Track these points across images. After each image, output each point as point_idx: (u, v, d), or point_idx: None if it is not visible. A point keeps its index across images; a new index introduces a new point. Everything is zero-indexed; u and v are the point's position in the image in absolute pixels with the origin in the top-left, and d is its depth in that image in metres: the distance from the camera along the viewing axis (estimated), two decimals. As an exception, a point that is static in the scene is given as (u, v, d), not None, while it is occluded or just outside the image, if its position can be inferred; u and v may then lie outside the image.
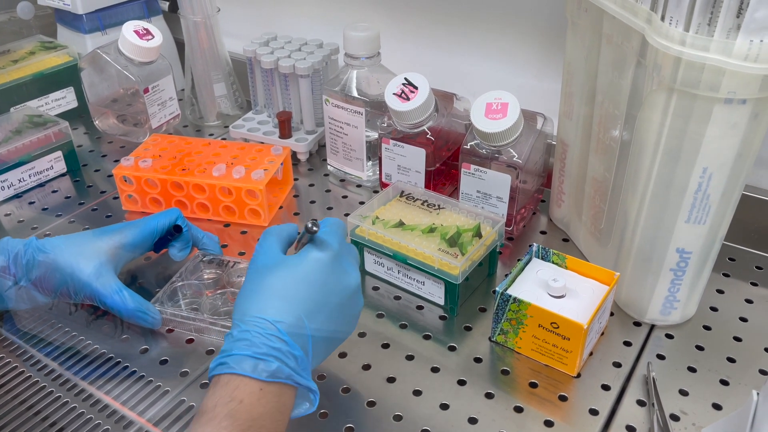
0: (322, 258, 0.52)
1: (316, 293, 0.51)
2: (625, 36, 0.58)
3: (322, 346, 0.52)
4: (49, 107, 1.05)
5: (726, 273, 0.74)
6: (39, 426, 0.58)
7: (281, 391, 0.48)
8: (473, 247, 0.67)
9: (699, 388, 0.60)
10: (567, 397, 0.60)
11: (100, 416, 0.58)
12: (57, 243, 0.65)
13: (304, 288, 0.50)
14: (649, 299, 0.65)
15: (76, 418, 0.58)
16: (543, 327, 0.61)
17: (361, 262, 0.74)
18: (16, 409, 0.59)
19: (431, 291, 0.69)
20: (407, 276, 0.70)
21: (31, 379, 0.62)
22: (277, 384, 0.47)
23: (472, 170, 0.75)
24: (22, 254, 0.64)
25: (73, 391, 0.61)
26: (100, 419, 0.58)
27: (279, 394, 0.47)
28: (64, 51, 1.06)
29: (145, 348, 0.66)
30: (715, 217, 0.59)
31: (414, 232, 0.70)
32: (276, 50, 0.95)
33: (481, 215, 0.72)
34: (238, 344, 0.48)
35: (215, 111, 1.07)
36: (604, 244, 0.71)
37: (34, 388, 0.61)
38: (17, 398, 0.60)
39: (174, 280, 0.70)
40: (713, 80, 0.50)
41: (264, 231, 0.56)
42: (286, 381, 0.48)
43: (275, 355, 0.47)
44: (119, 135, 1.03)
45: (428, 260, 0.67)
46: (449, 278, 0.66)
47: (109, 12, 1.08)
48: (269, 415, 0.46)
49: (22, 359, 0.64)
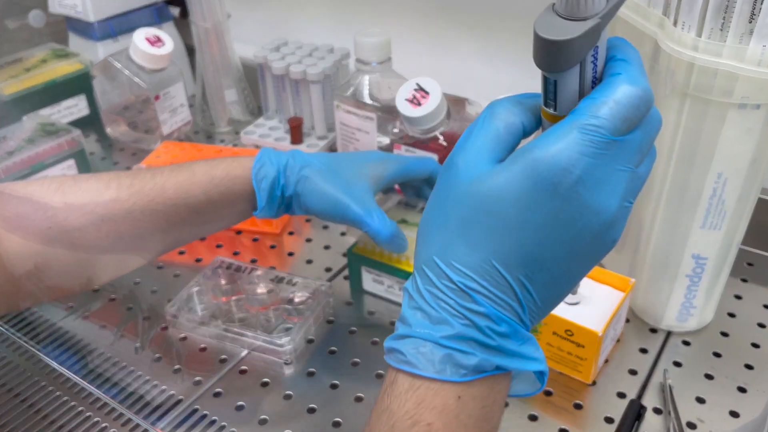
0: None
1: (541, 242, 0.32)
2: (638, 41, 0.57)
3: (545, 309, 0.35)
4: (61, 115, 1.05)
5: (744, 278, 0.73)
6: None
7: (489, 388, 0.33)
8: None
9: (716, 396, 0.60)
10: (582, 405, 0.59)
11: (115, 425, 0.59)
12: (323, 160, 0.61)
13: (523, 233, 0.32)
14: (665, 305, 0.65)
15: (91, 428, 0.58)
16: (557, 334, 0.60)
17: (359, 282, 0.73)
18: (25, 413, 0.60)
19: None
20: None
21: (46, 388, 0.62)
22: (481, 381, 0.33)
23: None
24: (292, 166, 0.60)
25: (87, 400, 0.61)
26: (115, 428, 0.58)
27: (486, 395, 0.33)
28: (75, 59, 1.06)
29: (158, 356, 0.66)
30: (731, 223, 0.58)
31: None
32: (287, 56, 0.95)
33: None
34: (416, 322, 0.33)
35: (226, 117, 1.07)
36: (619, 249, 0.70)
37: (50, 397, 0.62)
38: (25, 401, 0.61)
39: (191, 285, 0.70)
40: (726, 85, 0.50)
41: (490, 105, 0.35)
42: (495, 372, 0.33)
43: (480, 340, 0.32)
44: (131, 142, 1.03)
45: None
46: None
47: (120, 19, 1.08)
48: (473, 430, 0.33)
49: (39, 367, 0.65)
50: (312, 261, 0.78)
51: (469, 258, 0.32)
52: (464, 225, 0.32)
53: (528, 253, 0.32)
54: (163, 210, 0.56)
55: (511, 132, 0.34)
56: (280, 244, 0.82)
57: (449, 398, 0.32)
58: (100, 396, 0.61)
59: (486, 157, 0.33)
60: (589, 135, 0.30)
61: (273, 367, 0.65)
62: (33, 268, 0.53)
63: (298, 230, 0.84)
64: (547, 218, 0.31)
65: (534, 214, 0.31)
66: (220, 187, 0.58)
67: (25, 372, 0.64)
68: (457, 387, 0.32)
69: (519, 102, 0.34)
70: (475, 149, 0.33)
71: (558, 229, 0.32)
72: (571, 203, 0.31)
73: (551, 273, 0.33)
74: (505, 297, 0.32)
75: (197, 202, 0.57)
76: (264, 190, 0.59)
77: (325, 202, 0.59)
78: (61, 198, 0.54)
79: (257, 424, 0.59)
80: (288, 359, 0.65)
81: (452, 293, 0.32)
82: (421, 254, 0.35)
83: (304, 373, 0.64)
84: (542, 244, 0.32)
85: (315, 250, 0.80)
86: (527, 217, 0.31)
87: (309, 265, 0.78)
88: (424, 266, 0.34)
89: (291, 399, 0.61)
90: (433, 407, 0.32)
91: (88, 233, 0.54)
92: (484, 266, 0.32)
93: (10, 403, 0.61)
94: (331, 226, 0.84)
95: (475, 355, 0.32)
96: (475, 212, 0.32)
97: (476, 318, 0.32)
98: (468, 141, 0.34)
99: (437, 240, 0.33)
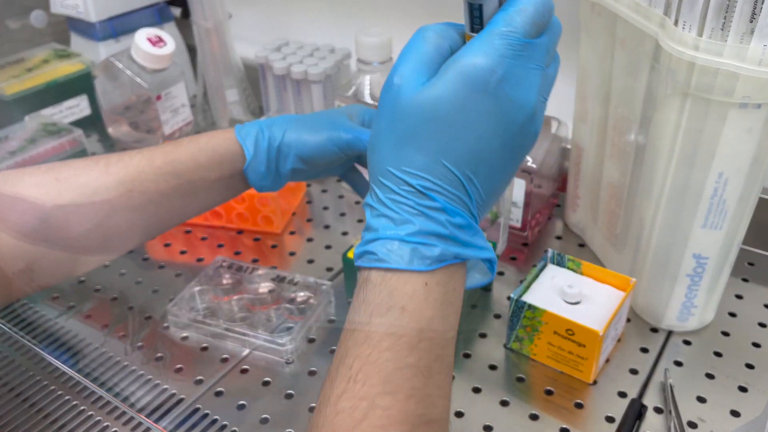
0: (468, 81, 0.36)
1: (478, 136, 0.37)
2: (639, 40, 0.57)
3: (489, 200, 0.40)
4: (63, 115, 1.05)
5: (745, 278, 0.73)
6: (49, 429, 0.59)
7: (451, 273, 0.38)
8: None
9: (717, 395, 0.60)
10: (583, 404, 0.59)
11: (116, 424, 0.59)
12: (298, 116, 0.58)
13: (463, 132, 0.37)
14: (666, 305, 0.65)
15: (93, 426, 0.59)
16: (558, 334, 0.60)
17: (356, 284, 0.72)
18: (26, 412, 0.60)
19: None
20: None
21: (42, 383, 0.63)
22: (443, 269, 0.37)
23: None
24: (273, 120, 0.58)
25: (89, 399, 0.61)
26: (117, 427, 0.58)
27: (447, 280, 0.38)
28: (77, 59, 1.06)
29: (159, 356, 0.66)
30: (732, 222, 0.58)
31: None
32: (288, 56, 0.95)
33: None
34: (381, 226, 0.38)
35: (227, 117, 1.07)
36: (620, 249, 0.70)
37: (45, 391, 0.62)
38: (25, 399, 0.61)
39: (192, 284, 0.70)
40: (727, 85, 0.50)
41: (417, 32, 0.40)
42: (454, 261, 0.38)
43: (439, 233, 0.37)
44: (132, 142, 1.03)
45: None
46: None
47: (121, 19, 1.08)
48: (439, 316, 0.37)
49: (41, 366, 0.65)
50: (313, 261, 0.78)
51: (421, 162, 0.37)
52: (412, 134, 0.37)
53: (470, 149, 0.37)
54: (153, 180, 0.55)
55: (440, 53, 0.38)
56: (281, 243, 0.82)
57: (418, 285, 0.36)
58: (102, 395, 0.61)
59: (422, 74, 0.37)
60: (507, 39, 0.36)
61: (274, 367, 0.65)
62: (24, 267, 0.53)
63: (299, 230, 0.84)
64: (481, 115, 0.36)
65: (470, 113, 0.36)
66: (205, 151, 0.57)
67: (27, 371, 0.64)
68: (423, 275, 0.37)
69: (446, 27, 0.39)
70: (410, 69, 0.37)
71: (491, 124, 0.37)
72: (499, 100, 0.36)
73: (490, 165, 0.38)
74: (457, 191, 0.37)
75: (185, 168, 0.56)
76: (250, 143, 0.56)
77: (316, 140, 0.56)
78: (53, 177, 0.53)
79: (258, 424, 0.59)
80: (289, 359, 0.65)
81: (411, 195, 0.37)
82: (376, 169, 0.39)
83: (305, 372, 0.64)
84: (480, 139, 0.37)
85: (316, 249, 0.80)
86: (465, 117, 0.36)
87: (310, 264, 0.78)
88: (381, 178, 0.38)
89: (292, 398, 0.62)
90: (405, 293, 0.36)
91: (82, 215, 0.53)
92: (435, 167, 0.37)
93: (12, 402, 0.61)
94: (333, 226, 0.84)
95: (437, 246, 0.37)
96: (420, 121, 0.37)
97: (434, 213, 0.37)
98: (402, 63, 0.38)
99: (389, 153, 0.38)
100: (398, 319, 0.36)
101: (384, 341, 0.36)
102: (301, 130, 0.57)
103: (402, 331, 0.36)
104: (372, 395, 0.35)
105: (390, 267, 0.37)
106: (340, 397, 0.35)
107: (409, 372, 0.36)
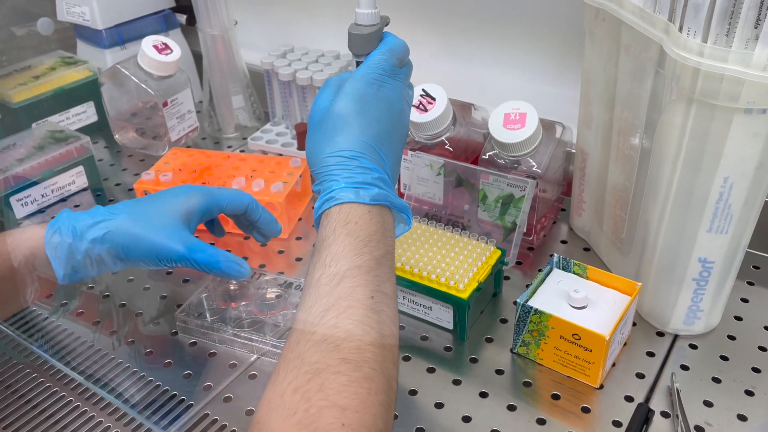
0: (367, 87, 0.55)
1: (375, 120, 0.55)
2: (644, 46, 0.58)
3: (394, 167, 0.56)
4: (70, 122, 1.06)
5: (750, 281, 0.73)
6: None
7: (383, 212, 0.52)
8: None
9: (723, 399, 0.60)
10: (590, 408, 0.60)
11: (126, 430, 0.59)
12: (125, 210, 0.61)
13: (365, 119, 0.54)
14: (672, 309, 0.65)
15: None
16: (565, 338, 0.60)
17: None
18: (36, 418, 0.60)
19: (438, 316, 0.69)
20: (413, 302, 0.70)
21: (58, 394, 0.63)
22: (378, 206, 0.52)
23: (491, 180, 0.75)
24: (88, 223, 0.59)
25: (98, 405, 0.62)
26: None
27: (382, 215, 0.52)
28: (84, 66, 1.07)
29: (168, 362, 0.66)
30: (738, 227, 0.58)
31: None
32: (293, 62, 0.96)
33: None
34: (333, 184, 0.52)
35: (233, 123, 1.07)
36: (625, 253, 0.70)
37: (61, 402, 0.62)
38: (36, 407, 0.61)
39: (200, 291, 0.70)
40: (732, 91, 0.50)
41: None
42: (385, 203, 0.52)
43: (370, 181, 0.52)
44: (139, 148, 1.04)
45: (434, 284, 0.67)
46: (456, 301, 0.65)
47: (128, 27, 1.09)
48: (379, 233, 0.51)
49: (50, 373, 0.65)
50: (320, 266, 0.78)
51: (352, 144, 0.53)
52: (340, 129, 0.54)
53: (379, 130, 0.54)
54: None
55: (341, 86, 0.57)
56: (287, 249, 0.82)
57: (364, 211, 0.51)
58: (111, 401, 0.62)
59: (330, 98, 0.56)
60: (383, 65, 0.56)
61: (282, 372, 0.65)
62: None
63: (305, 235, 0.84)
64: (378, 108, 0.55)
65: (372, 107, 0.54)
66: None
67: (36, 378, 0.65)
68: (366, 206, 0.51)
69: (340, 76, 0.58)
70: (323, 98, 0.56)
71: (385, 113, 0.55)
72: (384, 99, 0.55)
73: (389, 138, 0.55)
74: (377, 158, 0.54)
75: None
76: (60, 259, 0.59)
77: (140, 248, 0.59)
78: None
79: (267, 429, 0.59)
80: (297, 364, 0.65)
81: (350, 163, 0.53)
82: (317, 160, 0.54)
83: (313, 377, 0.64)
84: (381, 122, 0.54)
85: (323, 255, 0.80)
86: (371, 110, 0.54)
87: (317, 270, 0.78)
88: (322, 164, 0.53)
89: (300, 403, 0.62)
90: (355, 214, 0.51)
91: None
92: (361, 144, 0.53)
93: (21, 409, 0.62)
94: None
95: (375, 188, 0.52)
96: (343, 118, 0.54)
97: (368, 171, 0.53)
98: (318, 98, 0.57)
99: (325, 147, 0.54)
100: (353, 229, 0.50)
101: (345, 239, 0.49)
102: (128, 229, 0.60)
103: (356, 233, 0.50)
104: (342, 271, 0.48)
105: (344, 201, 0.51)
106: (319, 279, 0.48)
107: (365, 257, 0.49)
